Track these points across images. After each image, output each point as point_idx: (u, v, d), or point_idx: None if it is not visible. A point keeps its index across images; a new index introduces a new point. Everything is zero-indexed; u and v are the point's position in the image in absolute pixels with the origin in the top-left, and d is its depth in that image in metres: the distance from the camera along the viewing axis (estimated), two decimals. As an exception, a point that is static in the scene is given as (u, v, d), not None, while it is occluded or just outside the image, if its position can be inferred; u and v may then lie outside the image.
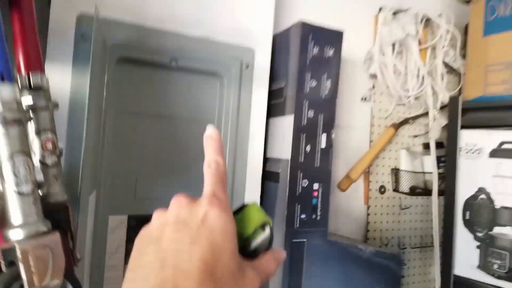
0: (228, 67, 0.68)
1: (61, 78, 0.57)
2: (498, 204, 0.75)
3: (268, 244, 0.35)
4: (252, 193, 0.70)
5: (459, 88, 0.95)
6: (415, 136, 0.93)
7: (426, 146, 0.92)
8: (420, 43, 0.90)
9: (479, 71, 0.80)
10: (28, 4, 0.38)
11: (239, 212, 0.34)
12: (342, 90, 0.85)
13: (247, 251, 0.33)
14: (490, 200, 0.75)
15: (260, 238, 0.34)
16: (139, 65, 0.62)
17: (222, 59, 0.67)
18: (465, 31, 0.93)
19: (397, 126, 0.88)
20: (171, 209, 0.31)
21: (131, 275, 0.29)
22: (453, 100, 0.82)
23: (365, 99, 0.88)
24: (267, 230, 0.34)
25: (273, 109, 0.73)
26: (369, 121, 0.89)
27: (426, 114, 0.92)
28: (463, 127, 0.81)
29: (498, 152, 0.75)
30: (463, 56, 0.95)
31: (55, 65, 0.57)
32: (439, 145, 0.91)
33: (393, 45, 0.87)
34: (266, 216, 0.35)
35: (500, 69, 0.77)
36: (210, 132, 0.35)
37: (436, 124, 0.88)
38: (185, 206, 0.31)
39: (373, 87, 0.89)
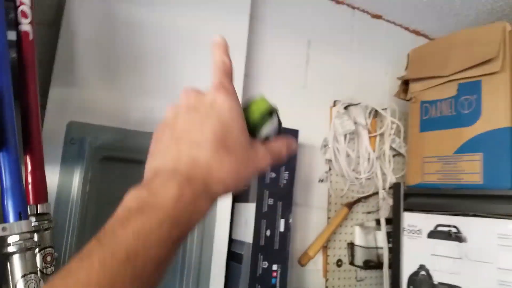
0: (199, 160, 0.78)
1: (49, 176, 0.65)
2: (436, 280, 0.84)
3: (277, 131, 0.36)
4: (217, 273, 0.77)
5: (405, 170, 1.08)
6: (368, 213, 1.04)
7: (378, 222, 1.02)
8: (369, 131, 1.04)
9: (417, 161, 0.94)
10: (39, 147, 0.47)
11: (247, 105, 0.36)
12: (302, 173, 0.96)
13: (257, 138, 0.34)
14: (429, 276, 0.85)
15: (269, 125, 0.35)
16: (119, 162, 0.71)
17: (194, 153, 0.77)
18: (409, 120, 1.08)
19: (351, 205, 0.99)
20: (182, 100, 0.33)
21: (151, 159, 0.32)
22: (396, 185, 0.94)
23: (322, 180, 1.00)
24: (275, 117, 0.35)
25: (239, 195, 0.83)
26: (326, 200, 1.00)
27: (376, 193, 1.03)
28: (405, 209, 0.92)
29: (434, 234, 0.86)
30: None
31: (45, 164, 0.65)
32: (389, 221, 1.02)
33: (346, 134, 1.00)
34: (272, 105, 0.36)
35: (433, 161, 0.90)
36: (216, 39, 0.36)
37: (385, 203, 1.00)
38: (194, 96, 0.33)
39: (329, 169, 1.01)
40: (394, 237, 0.93)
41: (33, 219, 0.45)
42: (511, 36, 0.83)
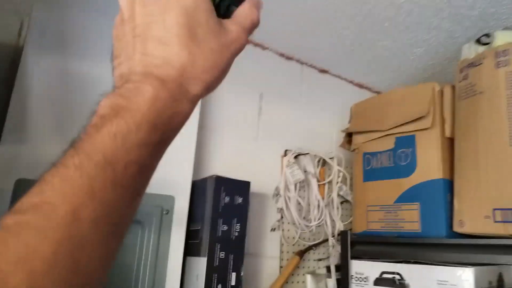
0: (150, 215, 0.78)
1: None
2: (384, 329, 0.87)
3: None
4: (167, 333, 0.75)
5: (352, 218, 1.13)
6: (319, 260, 1.07)
7: (329, 269, 1.05)
8: (318, 180, 1.09)
9: (362, 209, 0.99)
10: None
11: None
12: (255, 222, 0.98)
13: (221, 12, 0.31)
14: (377, 324, 0.88)
15: None
16: (66, 219, 0.69)
17: (144, 208, 0.77)
18: (355, 168, 1.14)
19: (302, 253, 1.01)
20: None
21: (116, 61, 0.29)
22: (343, 233, 0.98)
23: (274, 229, 1.02)
24: None
25: (190, 248, 0.83)
26: (279, 248, 1.01)
27: (326, 240, 1.07)
28: (353, 257, 0.96)
29: (380, 281, 0.90)
30: (355, 188, 1.14)
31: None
32: (339, 268, 1.04)
33: (296, 183, 1.04)
34: None
35: (377, 210, 0.96)
36: None
37: (334, 250, 1.03)
38: None
39: (281, 218, 1.03)
40: (343, 285, 0.96)
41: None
42: (440, 95, 0.93)
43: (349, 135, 1.08)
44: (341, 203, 1.12)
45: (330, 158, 1.11)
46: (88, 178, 0.22)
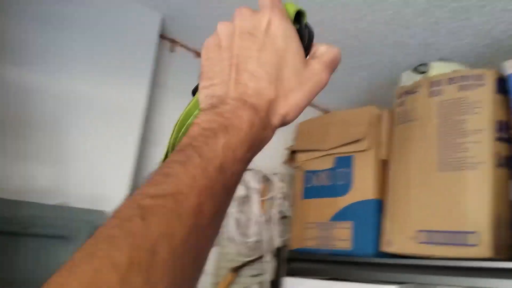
0: (79, 230, 0.75)
1: None
2: None
3: (312, 31, 0.35)
4: None
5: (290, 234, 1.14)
6: (254, 276, 1.07)
7: (262, 285, 1.06)
8: (261, 195, 1.10)
9: (300, 226, 1.01)
10: None
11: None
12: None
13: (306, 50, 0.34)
14: None
15: (308, 25, 0.34)
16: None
17: (73, 223, 0.74)
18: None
19: (237, 269, 1.02)
20: (236, 21, 0.33)
21: (209, 82, 0.33)
22: (279, 249, 1.00)
23: (213, 244, 1.01)
24: (304, 16, 0.35)
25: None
26: (214, 264, 1.01)
27: (262, 256, 1.08)
28: (289, 274, 0.97)
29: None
30: (297, 204, 1.16)
31: None
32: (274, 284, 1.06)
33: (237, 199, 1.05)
34: (300, 7, 0.35)
35: (313, 227, 0.98)
36: None
37: (269, 266, 1.05)
38: (249, 18, 0.33)
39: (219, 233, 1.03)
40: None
41: None
42: (378, 119, 0.97)
43: (293, 153, 1.10)
44: (282, 218, 1.14)
45: (274, 174, 1.13)
46: (210, 179, 0.26)
